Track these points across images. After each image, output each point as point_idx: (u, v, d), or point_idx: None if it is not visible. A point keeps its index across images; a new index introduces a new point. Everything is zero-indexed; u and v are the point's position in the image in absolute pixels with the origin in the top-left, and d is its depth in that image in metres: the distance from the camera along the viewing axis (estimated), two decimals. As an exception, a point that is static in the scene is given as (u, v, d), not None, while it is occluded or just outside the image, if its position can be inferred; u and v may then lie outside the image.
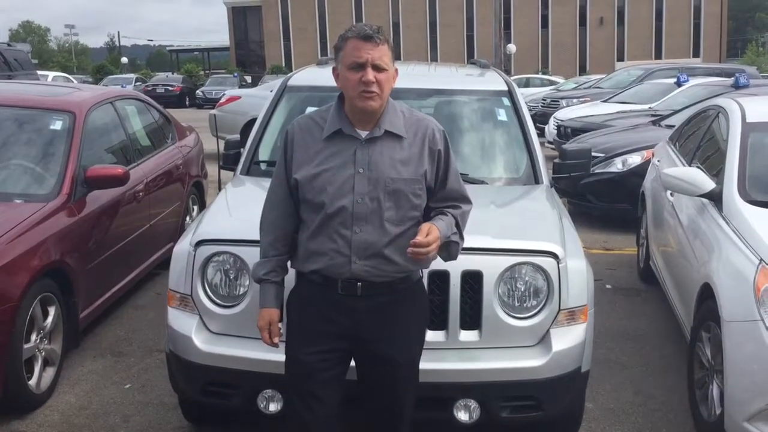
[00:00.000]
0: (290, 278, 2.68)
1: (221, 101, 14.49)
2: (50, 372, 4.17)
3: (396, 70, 2.52)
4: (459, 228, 2.61)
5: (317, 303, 2.55)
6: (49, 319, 4.13)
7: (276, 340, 2.61)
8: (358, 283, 2.50)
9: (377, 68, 2.43)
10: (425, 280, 2.99)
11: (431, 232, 2.41)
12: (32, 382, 3.96)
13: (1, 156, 4.74)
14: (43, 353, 4.10)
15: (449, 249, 2.59)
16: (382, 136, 2.50)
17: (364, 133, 2.50)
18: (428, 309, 2.81)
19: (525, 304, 3.14)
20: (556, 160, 4.60)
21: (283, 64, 56.18)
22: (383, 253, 2.48)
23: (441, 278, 3.06)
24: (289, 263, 2.65)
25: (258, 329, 2.62)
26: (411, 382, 2.67)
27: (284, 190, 2.59)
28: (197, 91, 36.74)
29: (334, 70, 2.55)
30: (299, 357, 2.56)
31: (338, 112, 2.54)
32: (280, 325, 2.64)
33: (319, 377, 2.54)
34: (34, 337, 3.98)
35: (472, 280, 3.08)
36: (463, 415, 3.09)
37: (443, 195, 2.60)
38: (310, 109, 2.70)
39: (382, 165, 2.48)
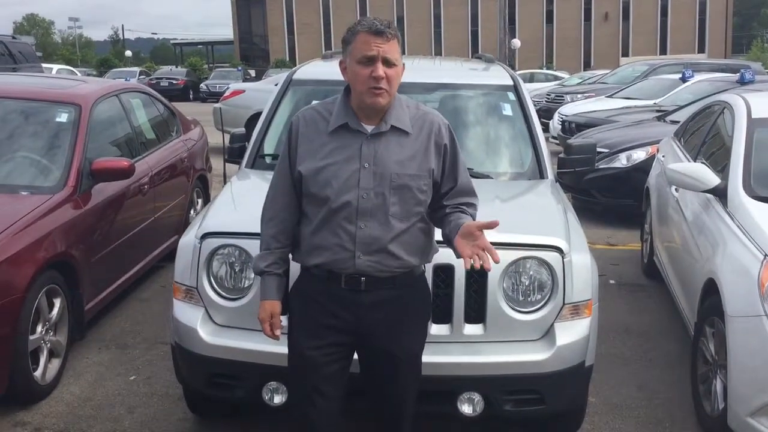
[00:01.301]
0: (294, 272, 2.68)
1: (225, 95, 14.50)
2: (55, 363, 4.19)
3: (403, 65, 2.50)
4: None
5: (320, 297, 2.54)
6: (55, 311, 4.15)
7: (277, 332, 2.61)
8: (362, 278, 2.49)
9: (387, 63, 2.40)
10: (430, 274, 3.00)
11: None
12: (38, 373, 3.98)
13: (7, 148, 4.76)
14: (49, 345, 4.12)
15: None
16: (387, 131, 2.49)
17: (369, 128, 2.48)
18: (431, 303, 2.81)
19: (529, 298, 3.14)
20: (561, 155, 4.60)
21: (287, 58, 56.18)
22: (388, 248, 2.47)
23: (446, 272, 3.06)
24: (290, 256, 2.64)
25: (259, 321, 2.62)
26: (413, 377, 2.66)
27: (287, 182, 2.57)
28: (201, 85, 36.74)
29: (341, 63, 2.52)
30: (302, 352, 2.55)
31: (344, 105, 2.52)
32: (281, 317, 2.63)
33: (323, 372, 2.53)
34: (39, 328, 4.00)
35: (477, 274, 3.08)
36: (466, 408, 3.09)
37: (456, 191, 2.59)
38: (315, 104, 2.70)
39: (388, 160, 2.46)
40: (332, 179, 2.45)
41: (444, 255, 3.00)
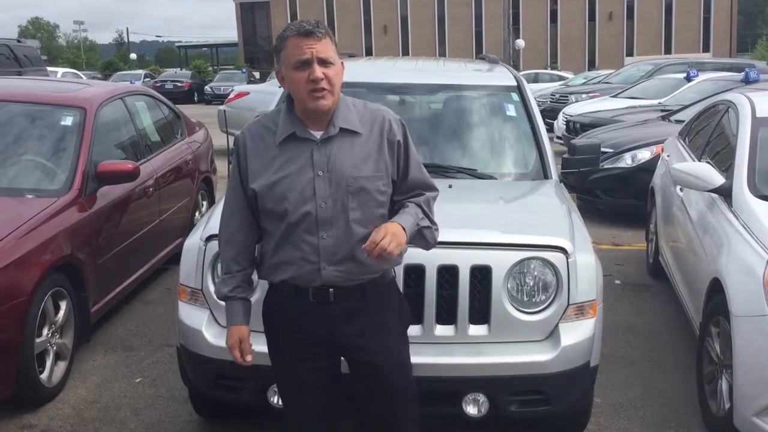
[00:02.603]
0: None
1: (230, 97, 14.52)
2: (61, 366, 4.21)
3: (342, 63, 2.39)
4: (426, 213, 2.49)
5: (288, 313, 2.48)
6: (61, 314, 4.16)
7: (248, 358, 2.53)
8: (330, 290, 2.41)
9: (323, 63, 2.31)
10: (434, 275, 3.01)
11: (382, 230, 2.30)
12: (44, 375, 4.00)
13: (12, 151, 4.77)
14: (55, 347, 4.14)
15: (423, 235, 2.47)
16: (337, 134, 2.38)
17: (318, 134, 2.38)
18: (406, 308, 2.69)
19: (534, 299, 3.14)
20: (565, 156, 4.60)
21: (292, 60, 56.13)
22: (353, 255, 2.38)
23: (450, 273, 3.07)
24: (255, 275, 2.57)
25: (228, 348, 2.54)
26: (405, 387, 2.57)
27: (241, 201, 2.48)
28: (206, 87, 36.86)
29: (277, 73, 2.44)
30: (283, 367, 2.53)
31: (289, 114, 2.41)
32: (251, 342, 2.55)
33: (309, 384, 2.50)
34: (45, 331, 4.02)
35: (481, 275, 3.09)
36: (471, 410, 3.10)
37: (405, 186, 2.50)
38: (259, 117, 2.62)
39: (342, 165, 2.37)
40: (287, 192, 2.36)
41: (448, 256, 3.01)
